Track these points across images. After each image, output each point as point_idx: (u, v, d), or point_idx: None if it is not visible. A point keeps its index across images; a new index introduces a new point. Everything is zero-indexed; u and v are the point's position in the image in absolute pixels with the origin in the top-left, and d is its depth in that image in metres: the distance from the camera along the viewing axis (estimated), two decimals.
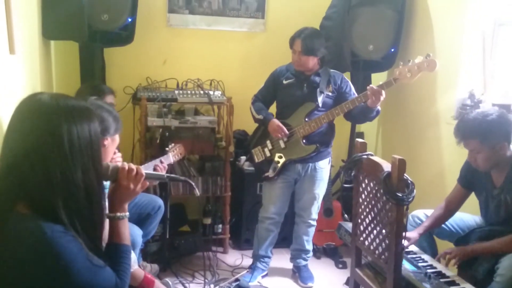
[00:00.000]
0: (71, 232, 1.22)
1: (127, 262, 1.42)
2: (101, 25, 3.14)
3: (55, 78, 3.32)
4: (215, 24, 3.89)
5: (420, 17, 3.56)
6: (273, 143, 3.17)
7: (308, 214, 3.27)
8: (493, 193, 2.41)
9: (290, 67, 3.17)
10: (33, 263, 1.17)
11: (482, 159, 2.32)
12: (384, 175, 1.97)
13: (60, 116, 1.24)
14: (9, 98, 2.06)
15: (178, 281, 3.17)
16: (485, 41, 3.06)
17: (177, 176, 1.66)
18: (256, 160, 3.24)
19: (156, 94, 3.42)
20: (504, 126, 2.27)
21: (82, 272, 1.22)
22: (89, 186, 1.28)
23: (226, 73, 3.82)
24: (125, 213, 1.46)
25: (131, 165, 1.46)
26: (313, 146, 3.08)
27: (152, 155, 3.36)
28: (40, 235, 1.17)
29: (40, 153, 1.21)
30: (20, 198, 1.22)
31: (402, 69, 2.78)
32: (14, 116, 1.28)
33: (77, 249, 1.22)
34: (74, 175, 1.24)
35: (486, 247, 2.29)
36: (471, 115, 2.34)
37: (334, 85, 3.11)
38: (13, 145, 1.24)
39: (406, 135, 3.70)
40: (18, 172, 1.22)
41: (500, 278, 2.10)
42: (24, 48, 2.44)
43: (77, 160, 1.25)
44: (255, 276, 3.28)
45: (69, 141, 1.23)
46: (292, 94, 3.12)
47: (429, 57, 2.72)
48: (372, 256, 2.20)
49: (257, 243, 3.34)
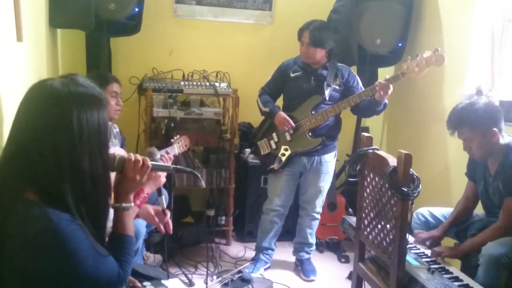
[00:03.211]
0: (77, 221, 1.23)
1: (130, 253, 1.41)
2: (108, 14, 3.13)
3: (61, 67, 3.32)
4: (222, 16, 3.87)
5: (429, 12, 3.53)
6: (279, 136, 3.16)
7: (312, 207, 3.27)
8: (489, 181, 2.48)
9: (298, 60, 3.16)
10: (39, 249, 1.17)
11: (476, 148, 2.40)
12: (389, 169, 1.96)
13: (71, 103, 1.24)
14: (16, 85, 2.07)
15: (181, 271, 3.18)
16: (494, 37, 3.03)
17: (184, 168, 1.67)
18: (262, 153, 3.24)
19: (162, 85, 3.42)
20: (491, 112, 2.37)
21: (87, 260, 1.22)
22: (96, 174, 1.28)
23: (232, 65, 3.81)
24: (130, 204, 1.46)
25: (137, 156, 1.46)
26: (319, 139, 3.08)
27: (157, 146, 3.35)
28: (46, 222, 1.17)
29: (50, 139, 1.22)
30: (28, 184, 1.22)
31: (410, 63, 2.78)
32: (24, 101, 1.28)
33: (83, 237, 1.22)
34: (82, 162, 1.25)
35: (475, 242, 2.34)
36: (459, 106, 2.45)
37: (341, 79, 3.10)
38: (23, 130, 1.24)
39: (411, 131, 3.68)
40: (27, 157, 1.22)
41: (482, 259, 2.18)
42: (31, 36, 2.44)
43: (86, 147, 1.25)
44: (258, 268, 3.29)
45: (78, 128, 1.23)
46: (299, 87, 3.11)
47: (437, 52, 2.72)
48: (375, 251, 2.20)
49: (261, 235, 3.36)
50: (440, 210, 2.70)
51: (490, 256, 2.14)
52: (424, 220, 2.69)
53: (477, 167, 2.57)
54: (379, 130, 4.15)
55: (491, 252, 2.15)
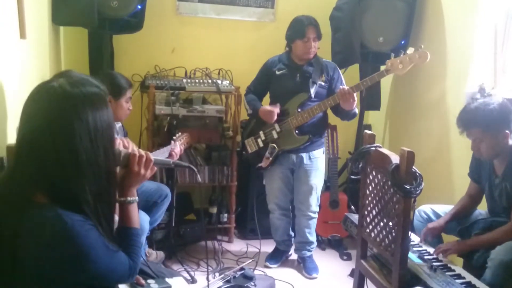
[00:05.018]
0: (89, 221, 1.26)
1: (138, 245, 1.47)
2: (110, 11, 3.13)
3: (64, 64, 3.32)
4: (225, 13, 3.87)
5: (431, 9, 3.52)
6: (266, 134, 3.18)
7: (307, 207, 3.26)
8: (495, 182, 2.44)
9: (282, 58, 3.19)
10: (54, 251, 1.20)
11: (485, 148, 2.35)
12: (392, 167, 1.96)
13: (85, 103, 1.28)
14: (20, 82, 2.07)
15: (183, 268, 3.19)
16: (497, 34, 3.02)
17: (182, 162, 1.73)
18: (250, 151, 3.25)
19: (164, 82, 3.42)
20: (505, 114, 2.31)
21: (101, 258, 1.27)
22: (110, 169, 1.35)
23: (235, 62, 3.81)
24: (135, 197, 1.51)
25: (140, 151, 1.51)
26: (305, 136, 3.09)
27: (159, 143, 3.36)
28: (60, 224, 1.20)
29: (68, 140, 1.24)
30: (39, 186, 1.25)
31: (393, 60, 2.83)
32: (32, 104, 1.28)
33: (96, 236, 1.26)
34: (98, 158, 1.29)
35: (482, 240, 2.32)
36: (472, 105, 2.38)
37: (327, 75, 3.12)
38: (35, 133, 1.25)
39: (414, 128, 3.68)
40: (42, 160, 1.24)
41: (491, 263, 2.14)
42: (34, 34, 2.45)
43: (101, 144, 1.30)
44: (278, 259, 3.45)
45: (94, 126, 1.28)
46: (284, 84, 3.13)
47: (420, 49, 2.75)
48: (378, 248, 2.20)
49: (274, 231, 3.46)
50: (442, 208, 2.69)
51: (501, 261, 2.09)
52: (426, 218, 2.68)
53: (482, 168, 2.53)
54: (381, 128, 4.15)
55: (501, 257, 2.11)
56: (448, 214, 2.58)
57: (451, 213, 2.58)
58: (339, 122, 3.53)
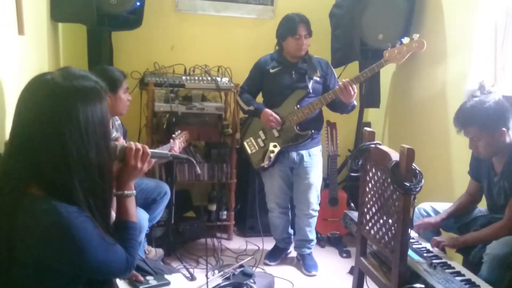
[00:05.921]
0: (85, 213, 1.25)
1: (135, 239, 1.46)
2: (109, 8, 3.12)
3: (63, 61, 3.31)
4: (224, 10, 3.86)
5: (431, 6, 3.51)
6: (266, 133, 3.17)
7: (308, 205, 3.26)
8: (494, 180, 2.45)
9: (274, 56, 3.19)
10: (50, 243, 1.20)
11: (482, 147, 2.35)
12: (392, 164, 1.95)
13: (75, 97, 1.26)
14: (18, 78, 2.06)
15: (182, 266, 3.19)
16: (497, 32, 3.01)
17: (180, 155, 1.72)
18: (250, 152, 3.23)
19: (164, 79, 3.42)
20: (501, 112, 2.31)
21: (96, 250, 1.26)
22: (102, 165, 1.32)
23: (234, 59, 3.80)
24: (132, 191, 1.50)
25: (137, 144, 1.50)
26: (307, 132, 3.09)
27: (158, 140, 3.36)
28: (56, 216, 1.20)
29: (57, 134, 1.23)
30: (33, 178, 1.24)
31: (391, 50, 2.89)
32: (26, 95, 1.28)
33: (91, 228, 1.25)
34: (90, 154, 1.27)
35: (477, 237, 2.33)
36: (468, 104, 2.39)
37: (321, 71, 3.13)
38: (28, 125, 1.25)
39: (414, 126, 3.67)
40: (33, 152, 1.23)
41: (486, 257, 2.15)
42: (33, 30, 2.44)
43: (92, 139, 1.28)
44: (277, 256, 3.45)
45: (84, 121, 1.26)
46: (280, 82, 3.13)
47: (416, 37, 2.82)
48: (377, 245, 2.20)
49: (273, 230, 3.45)
50: (442, 206, 2.68)
51: (495, 255, 2.11)
52: (426, 215, 2.67)
53: (481, 166, 2.54)
54: (381, 125, 4.14)
55: (496, 251, 2.12)
56: (446, 212, 2.59)
57: (449, 211, 2.58)
58: (339, 119, 3.53)
